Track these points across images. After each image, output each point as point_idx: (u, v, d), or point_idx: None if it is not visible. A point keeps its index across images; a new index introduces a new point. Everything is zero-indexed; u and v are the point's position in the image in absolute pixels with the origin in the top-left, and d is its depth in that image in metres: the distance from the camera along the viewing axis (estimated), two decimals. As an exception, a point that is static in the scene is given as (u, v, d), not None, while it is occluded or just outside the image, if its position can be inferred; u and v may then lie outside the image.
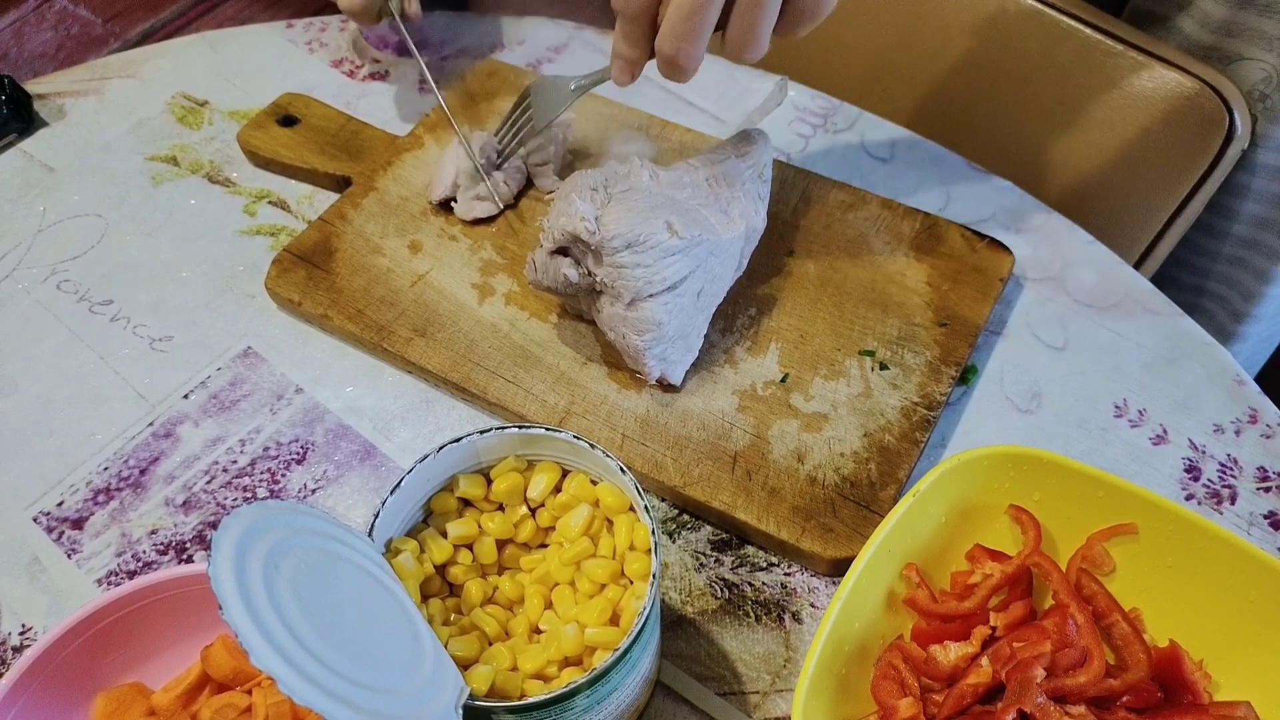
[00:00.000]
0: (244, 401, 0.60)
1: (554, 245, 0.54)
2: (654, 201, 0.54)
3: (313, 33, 0.81)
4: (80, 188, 0.71)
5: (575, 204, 0.53)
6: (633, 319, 0.53)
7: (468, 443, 0.43)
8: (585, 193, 0.53)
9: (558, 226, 0.53)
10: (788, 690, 0.49)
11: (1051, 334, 0.61)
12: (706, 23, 0.48)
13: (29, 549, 0.54)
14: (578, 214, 0.52)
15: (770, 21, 0.48)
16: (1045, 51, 0.73)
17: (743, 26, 0.48)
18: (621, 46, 0.53)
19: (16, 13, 1.98)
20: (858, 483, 0.53)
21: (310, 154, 0.69)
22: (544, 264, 0.55)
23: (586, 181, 0.54)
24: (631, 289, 0.52)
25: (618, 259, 0.52)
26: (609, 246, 0.52)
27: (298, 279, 0.62)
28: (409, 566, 0.41)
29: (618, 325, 0.54)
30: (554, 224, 0.53)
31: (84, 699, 0.44)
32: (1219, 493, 0.55)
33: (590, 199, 0.53)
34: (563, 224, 0.53)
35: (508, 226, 0.65)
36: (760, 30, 0.48)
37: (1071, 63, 0.72)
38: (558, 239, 0.53)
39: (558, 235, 0.53)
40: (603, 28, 0.80)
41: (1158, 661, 0.45)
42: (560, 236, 0.53)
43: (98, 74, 0.78)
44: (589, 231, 0.52)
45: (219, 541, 0.32)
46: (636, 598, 0.42)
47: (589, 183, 0.54)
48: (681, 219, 0.53)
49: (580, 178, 0.55)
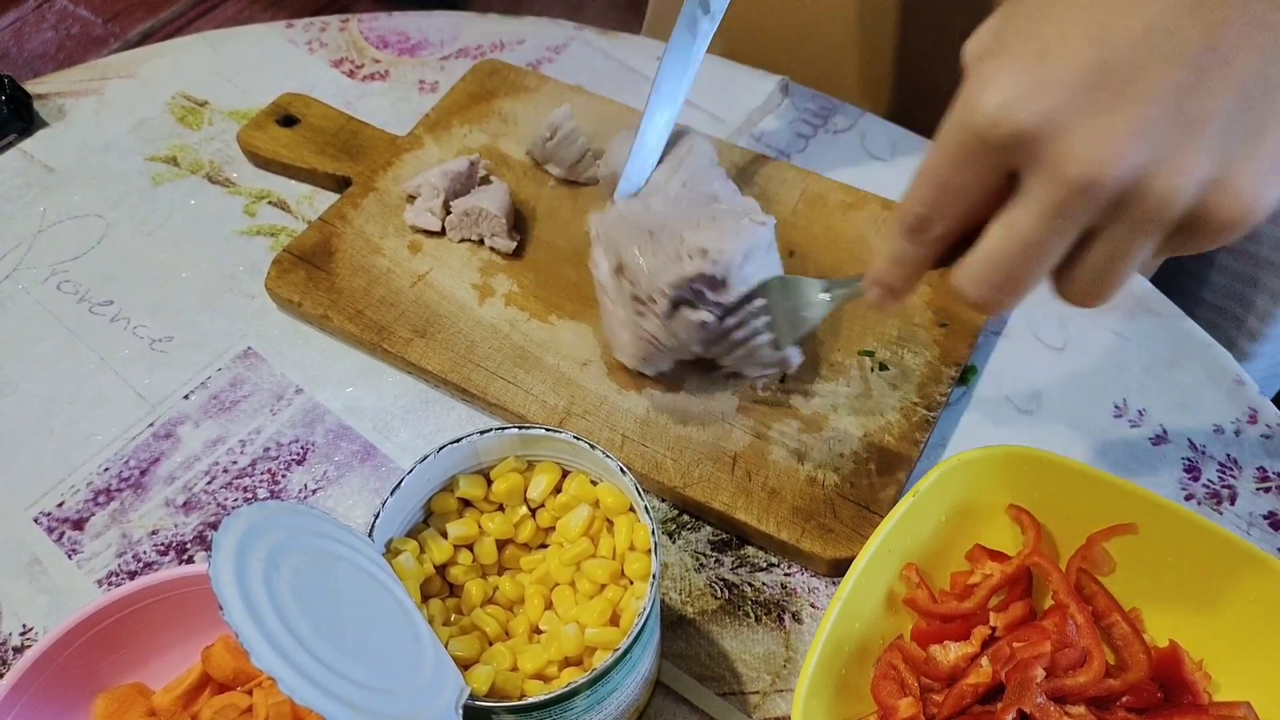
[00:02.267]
0: (244, 402, 0.60)
1: (670, 302, 0.48)
2: (710, 208, 0.51)
3: (313, 33, 0.81)
4: (80, 188, 0.71)
5: (684, 243, 0.48)
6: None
7: (468, 443, 0.43)
8: (642, 236, 0.49)
9: (669, 279, 0.47)
10: (788, 690, 0.49)
11: (1051, 334, 0.61)
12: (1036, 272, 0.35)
13: (29, 549, 0.54)
14: (693, 251, 0.48)
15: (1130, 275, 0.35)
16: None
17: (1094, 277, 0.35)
18: (894, 275, 0.39)
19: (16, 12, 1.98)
20: (857, 483, 0.53)
21: (310, 154, 0.69)
22: (666, 329, 0.49)
23: (626, 232, 0.49)
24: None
25: (744, 273, 0.48)
26: (735, 267, 0.48)
27: (298, 279, 0.62)
28: (409, 567, 0.41)
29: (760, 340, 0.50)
30: (662, 279, 0.48)
31: (84, 700, 0.44)
32: (1219, 493, 0.55)
33: (656, 237, 0.48)
34: (678, 273, 0.48)
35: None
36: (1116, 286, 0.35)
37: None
38: (675, 292, 0.48)
39: (672, 288, 0.48)
40: (602, 28, 0.80)
41: (1158, 661, 0.45)
42: (677, 287, 0.48)
43: (97, 74, 0.78)
44: (714, 263, 0.47)
45: (219, 542, 0.32)
46: (636, 598, 0.42)
47: (632, 230, 0.49)
48: (735, 211, 0.51)
49: (617, 230, 0.50)
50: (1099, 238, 0.34)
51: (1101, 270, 0.35)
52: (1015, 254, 0.34)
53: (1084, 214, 0.33)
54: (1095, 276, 0.35)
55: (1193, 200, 0.32)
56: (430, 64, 0.78)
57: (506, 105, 0.72)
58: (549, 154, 0.66)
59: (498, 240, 0.63)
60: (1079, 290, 0.36)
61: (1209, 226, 0.33)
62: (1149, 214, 0.32)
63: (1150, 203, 0.32)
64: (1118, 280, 0.35)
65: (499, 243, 0.63)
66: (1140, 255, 0.34)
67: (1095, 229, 0.34)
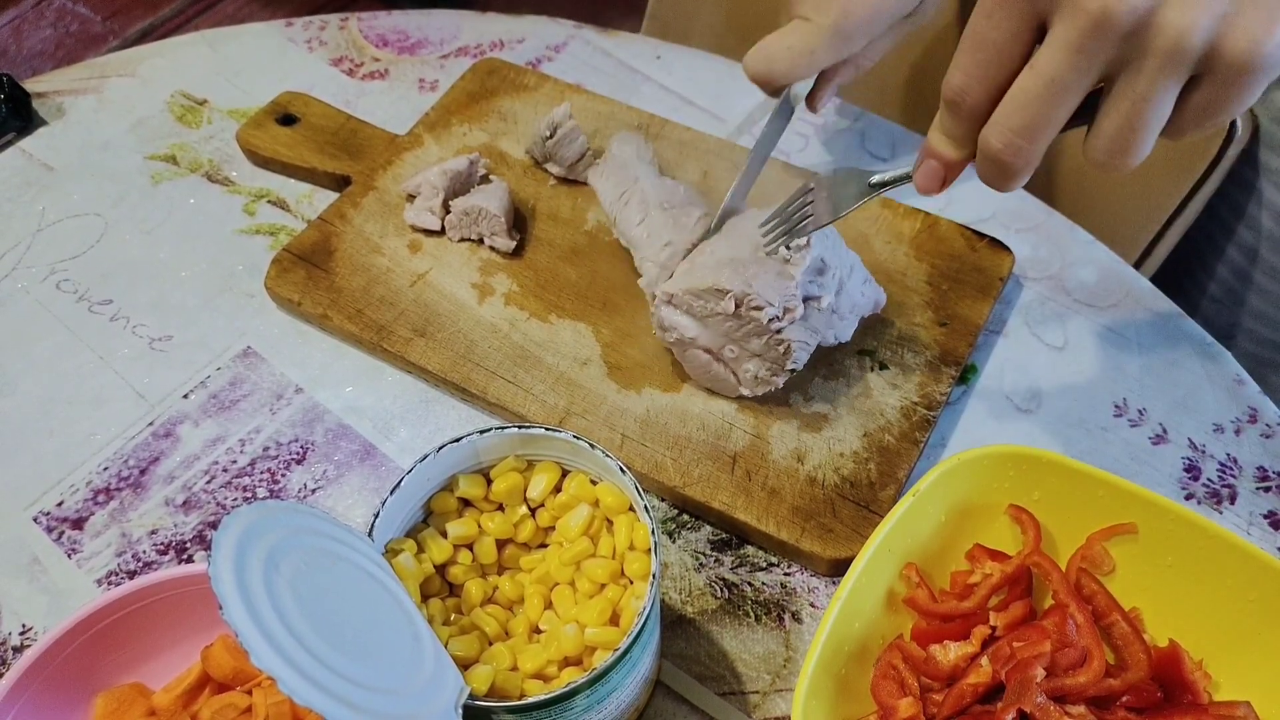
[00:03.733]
0: (244, 401, 0.60)
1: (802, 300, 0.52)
2: (739, 225, 0.55)
3: (312, 31, 0.81)
4: (79, 187, 0.71)
5: (775, 252, 0.52)
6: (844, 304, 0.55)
7: (467, 443, 0.43)
8: (733, 271, 0.52)
9: (793, 285, 0.51)
10: (787, 690, 0.49)
11: (1051, 334, 0.61)
12: (1057, 115, 0.37)
13: (29, 549, 0.54)
14: (787, 255, 0.52)
15: (1156, 126, 0.36)
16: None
17: (1119, 128, 0.36)
18: (941, 144, 0.42)
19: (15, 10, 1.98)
20: (857, 483, 0.53)
21: (310, 153, 0.69)
22: (807, 327, 0.53)
23: (715, 276, 0.52)
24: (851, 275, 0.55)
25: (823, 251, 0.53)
26: (825, 266, 0.53)
27: (297, 278, 0.62)
28: (409, 566, 0.41)
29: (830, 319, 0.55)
30: (787, 289, 0.51)
31: (84, 699, 0.44)
32: (1219, 492, 0.55)
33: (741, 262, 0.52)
34: (795, 273, 0.52)
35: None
36: (1143, 137, 0.36)
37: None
38: (803, 290, 0.52)
39: (799, 288, 0.52)
40: (601, 27, 0.80)
41: (1157, 661, 0.45)
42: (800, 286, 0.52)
43: (96, 72, 0.78)
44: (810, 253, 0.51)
45: (219, 541, 0.32)
46: (636, 598, 0.42)
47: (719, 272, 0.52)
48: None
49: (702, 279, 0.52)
50: (1120, 81, 0.35)
51: (1126, 117, 0.36)
52: (1040, 92, 0.36)
53: (1103, 48, 0.35)
54: (1120, 126, 0.36)
55: (1205, 37, 0.34)
56: (430, 63, 0.78)
57: (506, 104, 0.72)
58: (549, 153, 0.66)
59: (497, 239, 0.63)
60: (1106, 144, 0.37)
61: (1221, 65, 0.34)
62: (1164, 48, 0.34)
63: (1165, 35, 0.34)
64: (1142, 131, 0.36)
65: (499, 242, 0.63)
66: (1161, 102, 0.35)
67: (1116, 74, 0.36)
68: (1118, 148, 0.37)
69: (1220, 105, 0.36)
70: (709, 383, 0.56)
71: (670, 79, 0.76)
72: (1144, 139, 0.37)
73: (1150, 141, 0.37)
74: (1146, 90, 0.35)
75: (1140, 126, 0.36)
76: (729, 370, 0.55)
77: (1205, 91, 0.36)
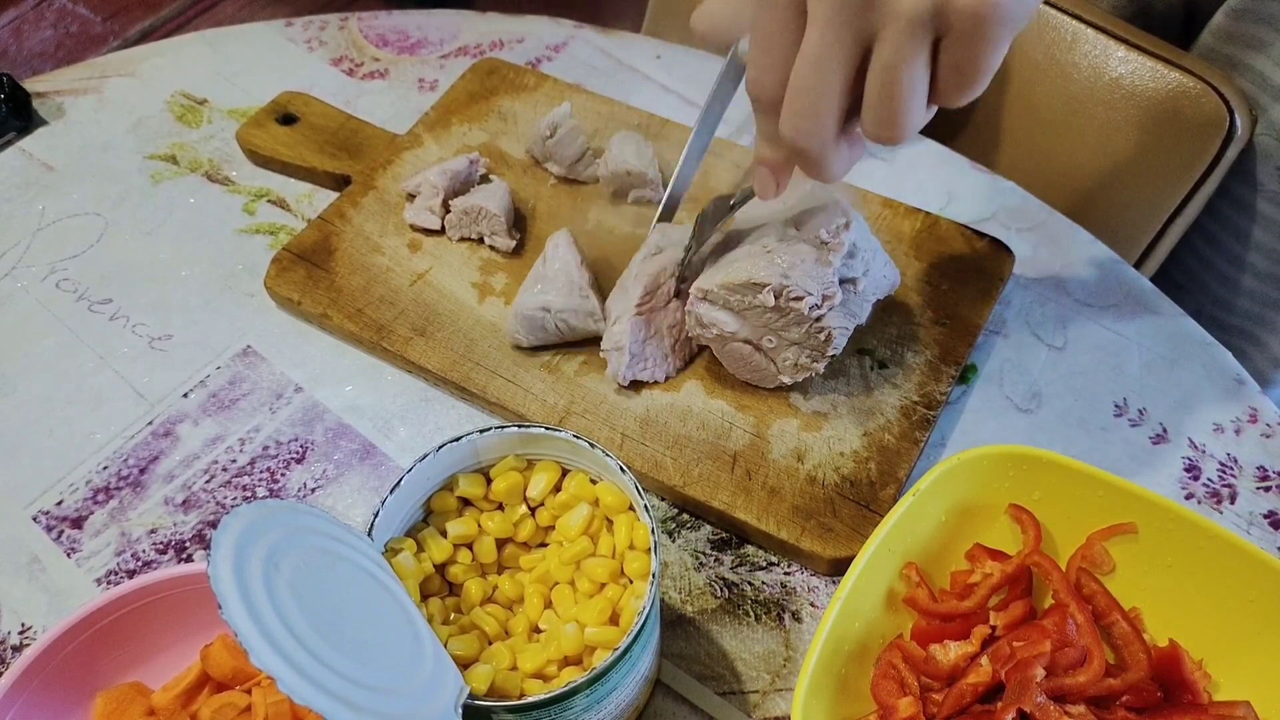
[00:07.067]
0: (243, 400, 0.60)
1: (840, 283, 0.53)
2: (765, 229, 0.55)
3: (312, 31, 0.81)
4: (79, 186, 0.71)
5: (808, 236, 0.52)
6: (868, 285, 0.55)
7: (467, 442, 0.43)
8: (770, 263, 0.51)
9: (830, 271, 0.51)
10: (787, 689, 0.49)
11: (1051, 334, 0.61)
12: (828, 91, 0.37)
13: (28, 548, 0.54)
14: (820, 241, 0.52)
15: (913, 93, 0.37)
16: (1047, 51, 0.73)
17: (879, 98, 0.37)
18: (761, 147, 0.43)
19: (16, 11, 1.98)
20: (857, 482, 0.53)
21: (309, 152, 0.69)
22: (847, 311, 0.54)
23: (753, 268, 0.52)
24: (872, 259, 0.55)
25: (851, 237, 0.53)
26: (855, 249, 0.53)
27: (297, 278, 0.62)
28: (409, 566, 0.41)
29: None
30: (825, 275, 0.51)
31: (84, 698, 0.44)
32: (1219, 492, 0.55)
33: (775, 253, 0.52)
34: (833, 258, 0.52)
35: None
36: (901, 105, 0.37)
37: (1072, 62, 0.72)
38: (840, 274, 0.53)
39: (836, 274, 0.52)
40: (601, 27, 0.80)
41: (1157, 661, 0.45)
42: (837, 270, 0.52)
43: (97, 72, 0.78)
44: (841, 237, 0.52)
45: (219, 541, 0.32)
46: (636, 597, 0.42)
47: (757, 265, 0.52)
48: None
49: (739, 275, 0.52)
50: (874, 52, 0.36)
51: (884, 86, 0.36)
52: (807, 73, 0.37)
53: (851, 20, 0.36)
54: (879, 95, 0.37)
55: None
56: (430, 62, 0.78)
57: (506, 104, 0.72)
58: (549, 152, 0.66)
59: (497, 239, 0.63)
60: (871, 115, 0.38)
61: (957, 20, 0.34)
62: (902, 12, 0.35)
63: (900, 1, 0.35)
64: (900, 99, 0.37)
65: (498, 241, 0.63)
66: (912, 67, 0.36)
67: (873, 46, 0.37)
68: (882, 118, 0.37)
69: (971, 63, 0.36)
70: (748, 375, 0.56)
71: (670, 79, 0.76)
72: (905, 107, 0.37)
73: (914, 110, 0.37)
74: (893, 57, 0.36)
75: (897, 95, 0.37)
76: (768, 360, 0.55)
77: (952, 52, 0.36)
